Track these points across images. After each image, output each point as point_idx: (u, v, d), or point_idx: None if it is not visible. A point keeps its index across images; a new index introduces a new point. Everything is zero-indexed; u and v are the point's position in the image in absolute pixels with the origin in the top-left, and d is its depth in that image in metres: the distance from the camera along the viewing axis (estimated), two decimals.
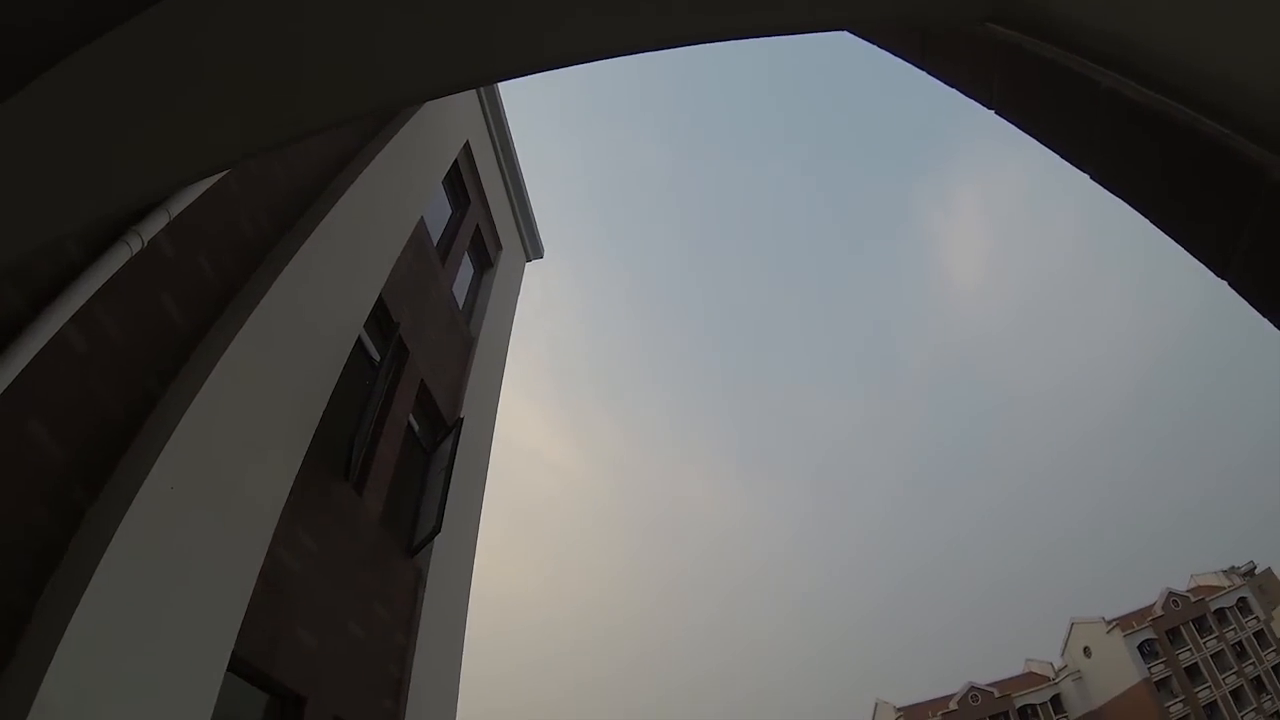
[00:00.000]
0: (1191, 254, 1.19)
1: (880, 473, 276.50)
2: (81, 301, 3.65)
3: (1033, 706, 77.41)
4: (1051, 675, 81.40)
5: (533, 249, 15.77)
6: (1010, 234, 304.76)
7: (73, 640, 3.23)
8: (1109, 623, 76.53)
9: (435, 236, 9.86)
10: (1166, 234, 1.25)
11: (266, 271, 5.04)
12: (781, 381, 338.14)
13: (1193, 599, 78.29)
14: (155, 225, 4.03)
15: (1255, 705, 72.09)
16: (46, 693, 3.12)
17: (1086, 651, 77.77)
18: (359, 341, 6.57)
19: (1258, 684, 73.64)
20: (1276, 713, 69.69)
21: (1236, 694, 73.38)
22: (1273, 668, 74.75)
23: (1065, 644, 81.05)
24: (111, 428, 3.71)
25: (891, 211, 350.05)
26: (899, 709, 76.61)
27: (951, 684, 78.28)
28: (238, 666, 4.29)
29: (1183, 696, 71.99)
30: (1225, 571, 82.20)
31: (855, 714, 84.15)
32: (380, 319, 7.23)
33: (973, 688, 77.34)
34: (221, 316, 4.60)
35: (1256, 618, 77.36)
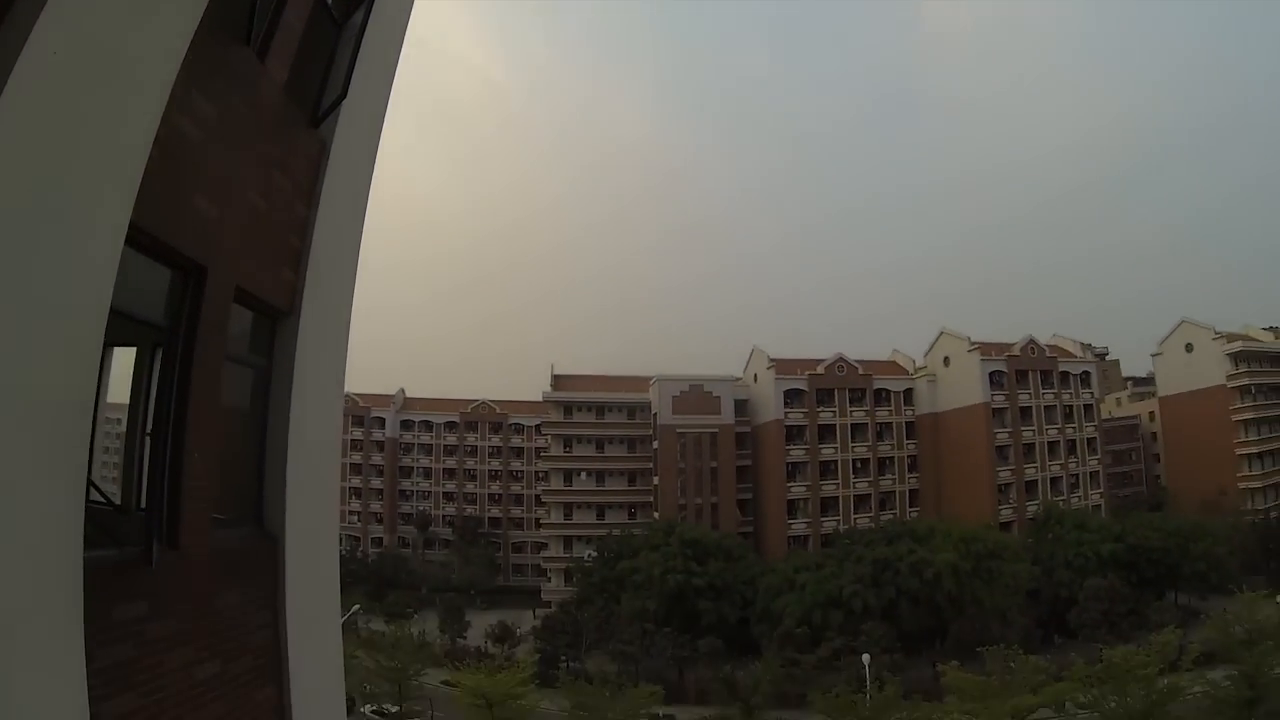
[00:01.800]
0: None
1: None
2: None
3: (888, 391, 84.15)
4: (911, 371, 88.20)
5: None
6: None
7: None
8: (973, 344, 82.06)
9: None
10: None
11: None
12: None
13: (1048, 353, 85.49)
14: None
15: (1062, 462, 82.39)
16: None
17: (946, 361, 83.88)
18: None
19: (1070, 446, 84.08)
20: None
21: (1052, 446, 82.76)
22: (1086, 440, 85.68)
23: (930, 349, 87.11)
24: None
25: None
26: (772, 359, 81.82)
27: (826, 355, 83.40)
28: (137, 240, 4.24)
29: (1010, 429, 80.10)
30: (1083, 345, 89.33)
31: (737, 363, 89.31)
32: None
33: (841, 359, 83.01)
34: None
35: (1091, 393, 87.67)
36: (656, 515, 78.07)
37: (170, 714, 4.80)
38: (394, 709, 47.20)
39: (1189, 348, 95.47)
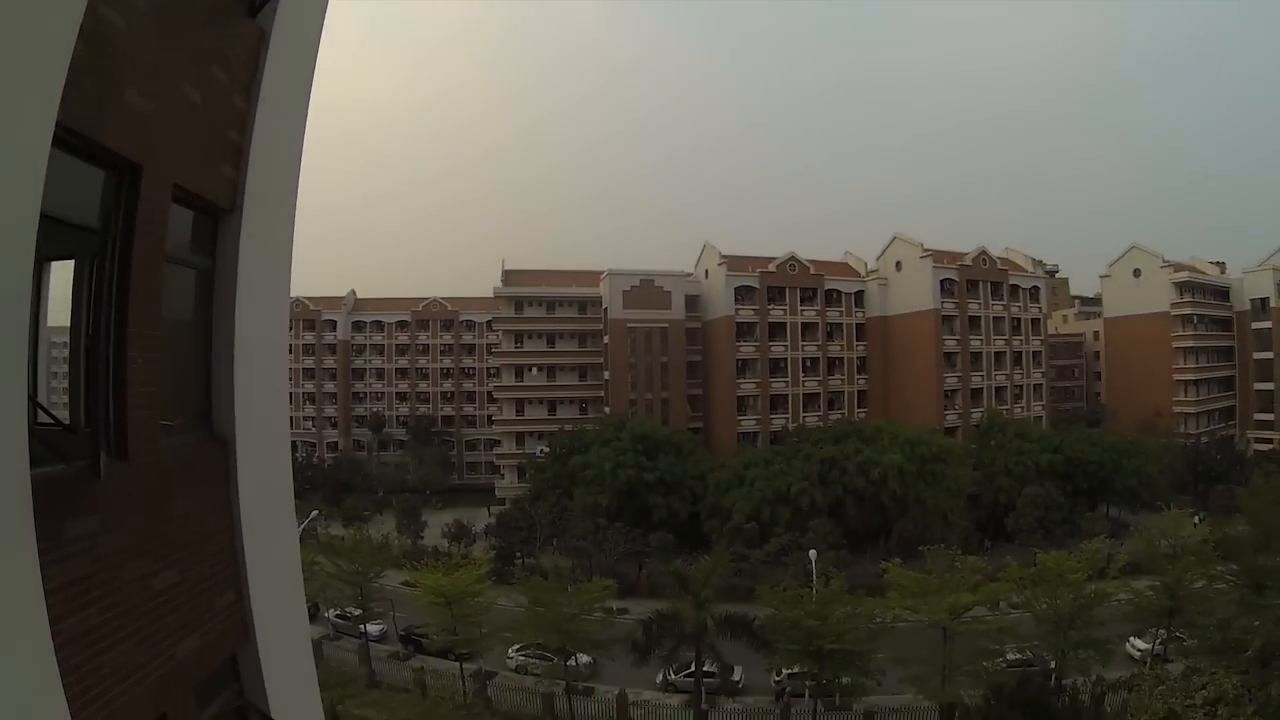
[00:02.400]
0: None
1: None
2: None
3: (838, 293, 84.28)
4: (863, 274, 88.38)
5: None
6: None
7: None
8: (926, 251, 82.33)
9: None
10: None
11: None
12: None
13: (999, 265, 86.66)
14: None
15: (1008, 372, 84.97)
16: None
17: (898, 266, 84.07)
18: None
19: (1016, 358, 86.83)
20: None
21: (999, 356, 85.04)
22: (1032, 353, 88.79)
23: (883, 253, 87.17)
24: None
25: None
26: (724, 256, 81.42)
27: (778, 254, 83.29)
28: (66, 140, 4.05)
29: (959, 337, 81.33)
30: (1034, 260, 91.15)
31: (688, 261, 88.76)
32: None
33: (793, 258, 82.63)
34: None
35: (1039, 308, 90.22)
36: (607, 410, 78.45)
37: (131, 627, 4.78)
38: (356, 612, 47.93)
39: (1137, 273, 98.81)
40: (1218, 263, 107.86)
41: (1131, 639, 43.56)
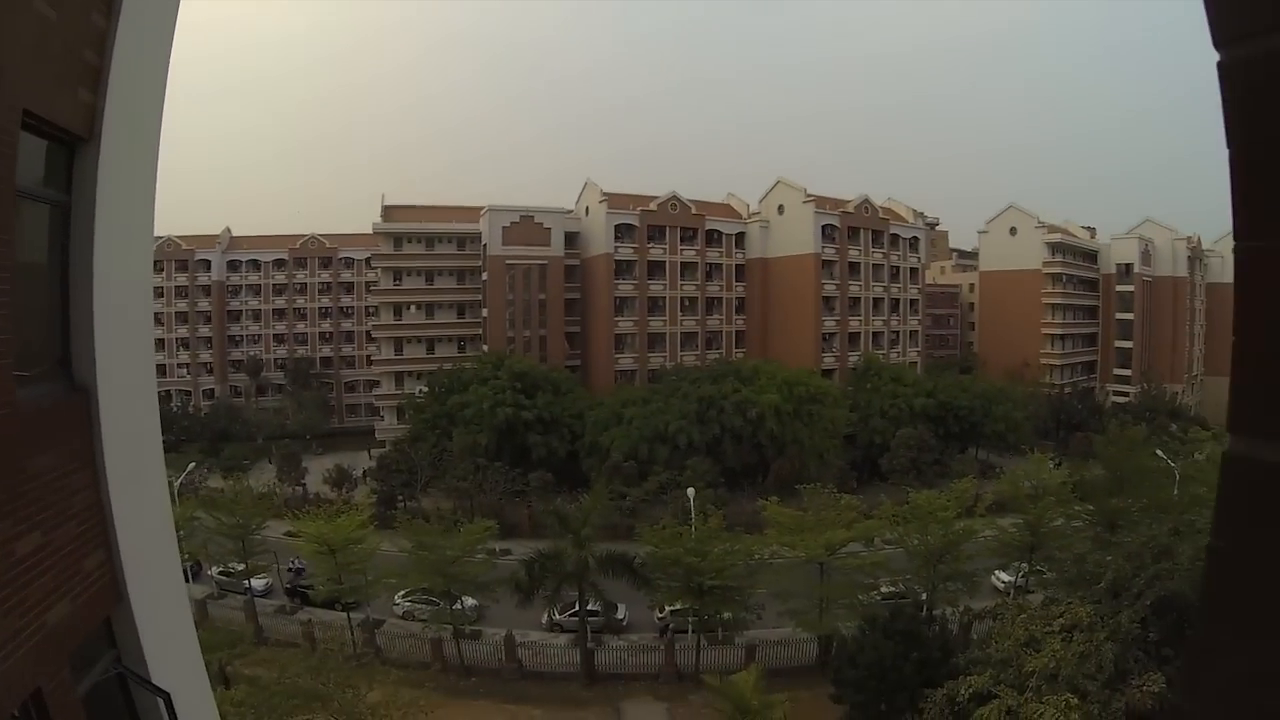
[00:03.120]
0: None
1: None
2: None
3: (720, 233, 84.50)
4: (745, 216, 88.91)
5: None
6: None
7: None
8: (810, 196, 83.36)
9: None
10: None
11: None
12: None
13: (881, 214, 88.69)
14: None
15: (885, 318, 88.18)
16: None
17: (781, 209, 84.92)
18: None
19: (894, 305, 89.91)
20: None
21: (877, 302, 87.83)
22: (910, 301, 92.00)
23: (766, 196, 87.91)
24: None
25: None
26: (605, 193, 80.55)
27: (660, 193, 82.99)
28: None
29: (838, 282, 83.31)
30: (916, 212, 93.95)
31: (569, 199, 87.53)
32: None
33: (675, 197, 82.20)
34: None
35: (919, 257, 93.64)
36: (485, 348, 77.33)
37: None
38: (240, 566, 46.34)
39: (1013, 231, 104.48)
40: (1089, 227, 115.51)
41: (996, 572, 46.21)
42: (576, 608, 39.34)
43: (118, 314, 6.12)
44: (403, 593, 44.63)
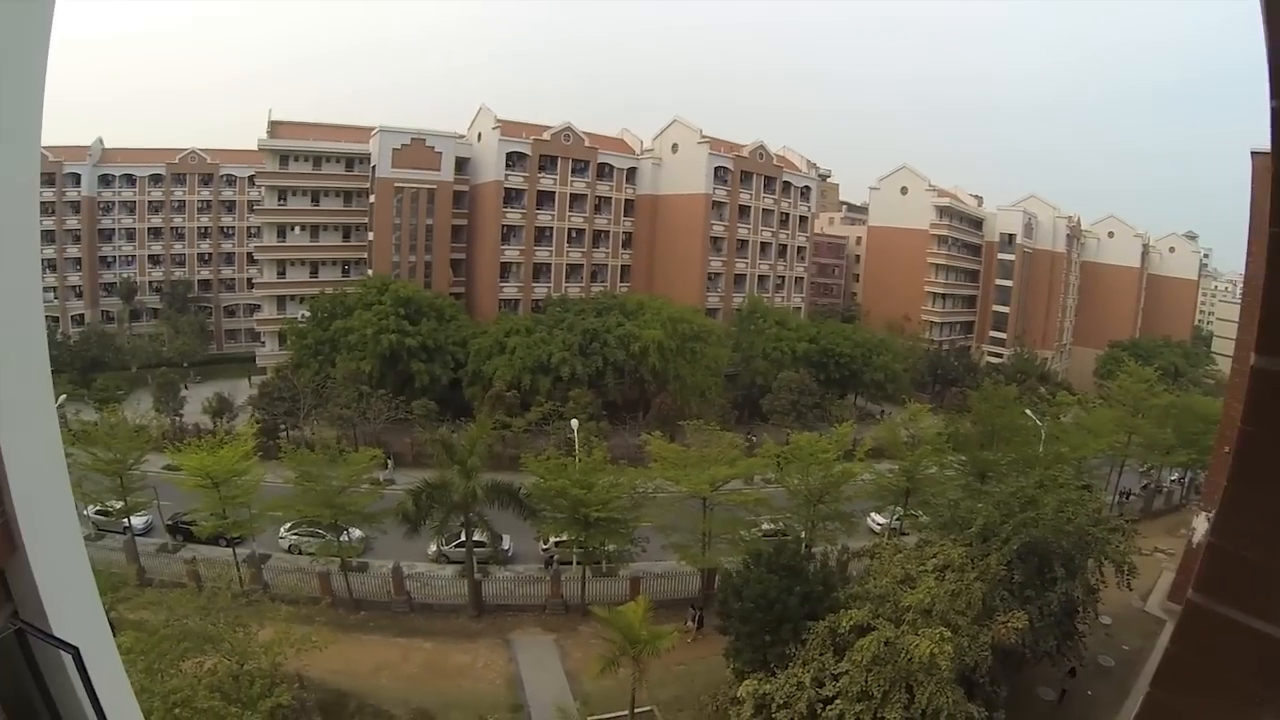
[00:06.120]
0: None
1: None
2: None
3: (611, 167, 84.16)
4: (639, 151, 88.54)
5: None
6: None
7: None
8: (705, 137, 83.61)
9: None
10: None
11: None
12: None
13: (775, 161, 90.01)
14: None
15: (772, 263, 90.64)
16: None
17: (675, 148, 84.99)
18: None
19: (782, 250, 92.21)
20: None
21: (765, 247, 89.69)
22: (797, 248, 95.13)
23: (660, 134, 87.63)
24: None
25: None
26: (499, 120, 79.15)
27: (554, 123, 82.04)
28: None
29: (727, 224, 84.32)
30: (810, 162, 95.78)
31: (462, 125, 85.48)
32: None
33: (569, 128, 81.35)
34: None
35: (809, 206, 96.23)
36: (370, 272, 75.81)
37: None
38: (118, 505, 43.87)
39: (904, 190, 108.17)
40: (977, 196, 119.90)
41: (871, 514, 48.64)
42: (463, 538, 39.33)
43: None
44: (288, 525, 43.95)
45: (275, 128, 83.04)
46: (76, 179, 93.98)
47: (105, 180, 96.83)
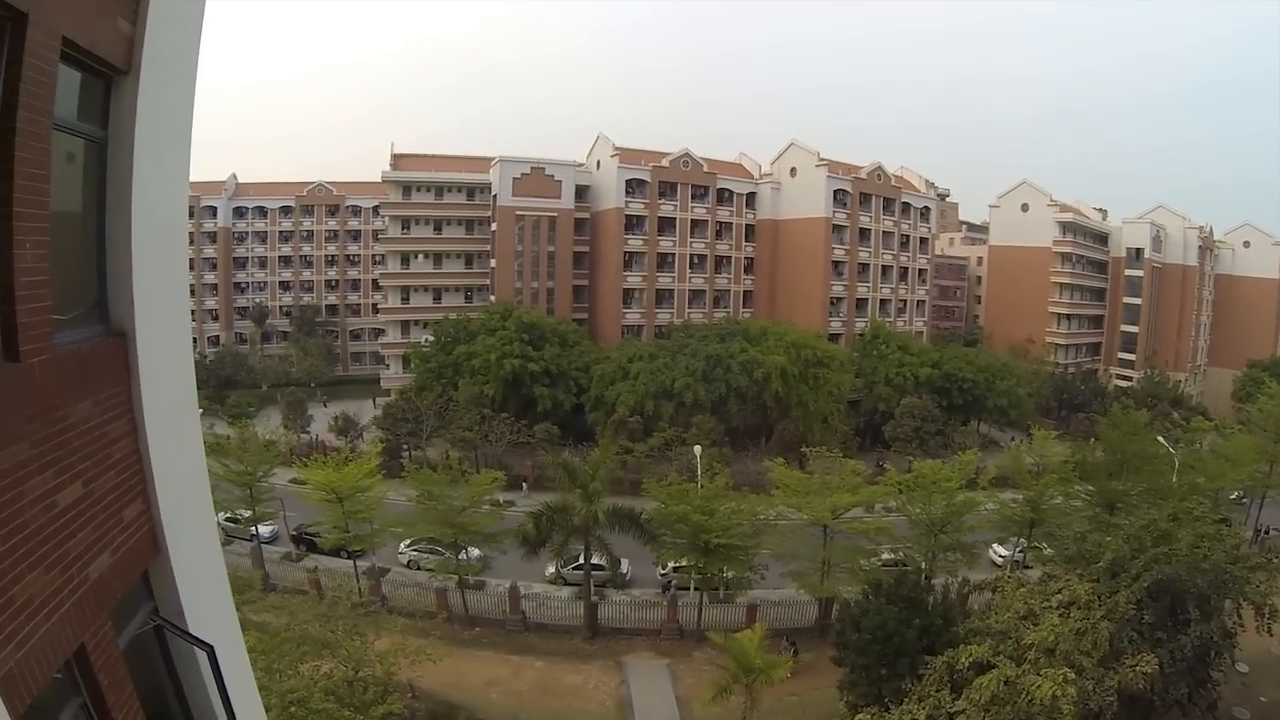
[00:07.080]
0: None
1: None
2: None
3: (731, 192, 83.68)
4: (757, 176, 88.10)
5: None
6: None
7: None
8: (823, 160, 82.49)
9: None
10: None
11: None
12: None
13: (893, 182, 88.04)
14: None
15: (893, 286, 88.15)
16: None
17: (793, 172, 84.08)
18: None
19: (903, 273, 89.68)
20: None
21: (885, 270, 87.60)
22: (918, 270, 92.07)
23: (778, 157, 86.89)
24: None
25: None
26: (617, 148, 79.76)
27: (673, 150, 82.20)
28: None
29: (848, 247, 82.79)
30: (928, 182, 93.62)
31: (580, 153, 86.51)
32: None
33: (687, 154, 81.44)
34: None
35: (929, 227, 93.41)
36: (493, 298, 76.97)
37: (39, 552, 4.16)
38: (247, 514, 46.39)
39: (1025, 207, 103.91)
40: (1100, 209, 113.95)
41: (994, 546, 46.64)
42: (580, 561, 39.50)
43: (155, 254, 5.78)
44: (407, 541, 44.96)
45: (398, 160, 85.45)
46: (213, 211, 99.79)
47: (239, 212, 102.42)
